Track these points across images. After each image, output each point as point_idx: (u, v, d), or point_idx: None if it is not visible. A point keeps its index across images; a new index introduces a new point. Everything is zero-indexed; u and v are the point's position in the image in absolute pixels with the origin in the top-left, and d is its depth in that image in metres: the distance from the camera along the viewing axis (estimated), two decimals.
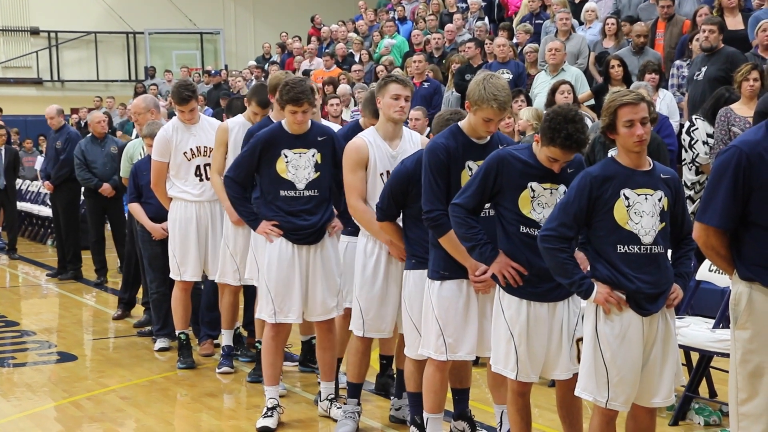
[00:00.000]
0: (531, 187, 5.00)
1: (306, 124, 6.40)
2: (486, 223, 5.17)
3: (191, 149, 8.01)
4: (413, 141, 6.22)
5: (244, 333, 8.51)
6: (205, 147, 7.98)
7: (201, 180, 8.02)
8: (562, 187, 5.00)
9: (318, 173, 6.40)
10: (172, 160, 8.02)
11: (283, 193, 6.38)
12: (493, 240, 5.11)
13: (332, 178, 6.47)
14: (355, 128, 6.75)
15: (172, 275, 8.20)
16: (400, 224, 5.85)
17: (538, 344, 5.02)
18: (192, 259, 8.04)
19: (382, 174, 6.05)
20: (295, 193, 6.38)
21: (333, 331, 6.60)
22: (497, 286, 5.12)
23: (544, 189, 5.00)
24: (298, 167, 6.38)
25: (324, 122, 7.33)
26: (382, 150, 6.08)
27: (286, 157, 6.37)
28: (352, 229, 6.47)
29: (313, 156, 6.40)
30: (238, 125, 7.60)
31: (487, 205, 5.18)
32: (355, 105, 13.91)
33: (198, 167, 8.00)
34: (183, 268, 8.08)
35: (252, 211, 6.54)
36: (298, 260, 6.40)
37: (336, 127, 7.20)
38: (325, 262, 6.46)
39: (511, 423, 5.25)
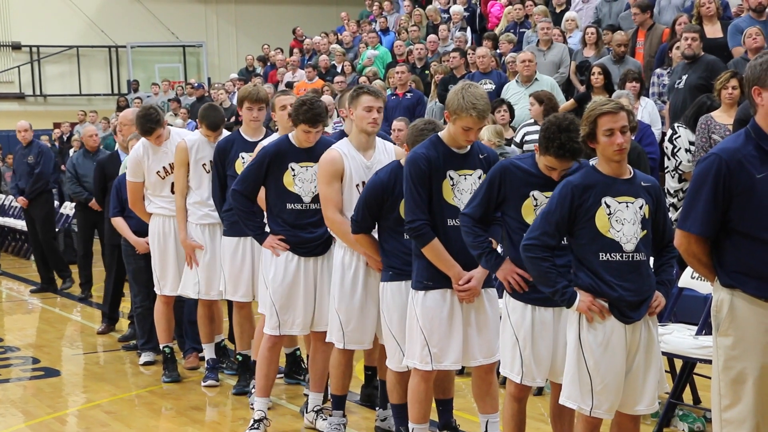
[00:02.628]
0: (533, 195, 5.05)
1: (316, 140, 6.45)
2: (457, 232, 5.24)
3: (163, 168, 8.01)
4: (387, 151, 6.24)
5: (231, 345, 8.50)
6: None
7: None
8: None
9: None
10: (146, 179, 8.04)
11: (289, 206, 6.41)
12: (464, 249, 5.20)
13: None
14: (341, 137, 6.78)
15: (155, 289, 8.21)
16: (376, 236, 5.86)
17: (543, 348, 5.06)
18: (171, 273, 8.03)
19: (357, 185, 6.06)
20: (302, 206, 6.41)
21: (329, 343, 6.60)
22: (504, 291, 5.15)
23: (546, 197, 5.02)
24: (304, 180, 6.41)
25: None
26: (357, 161, 6.09)
27: (293, 170, 6.40)
28: None
29: None
30: (197, 142, 7.62)
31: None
32: (338, 116, 13.91)
33: (173, 184, 7.98)
34: (163, 282, 8.09)
35: (259, 225, 6.53)
36: (304, 273, 6.42)
37: None
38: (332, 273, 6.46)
39: (505, 427, 5.27)
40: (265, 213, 6.62)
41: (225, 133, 7.71)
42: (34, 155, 13.14)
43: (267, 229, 6.55)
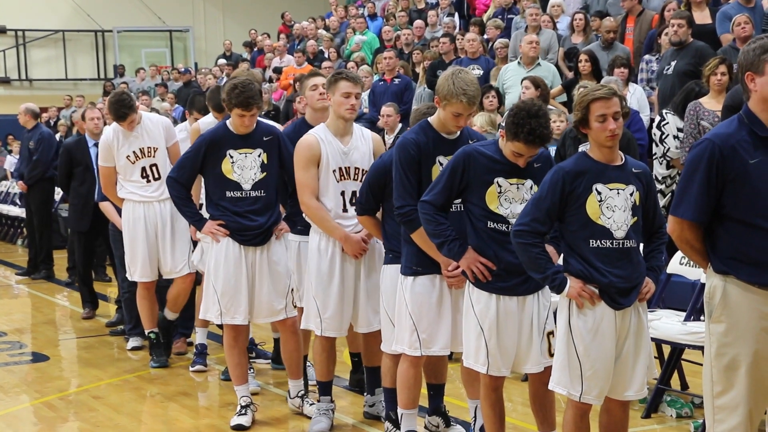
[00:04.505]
0: (497, 182, 5.02)
1: (252, 125, 6.39)
2: (455, 218, 5.19)
3: (134, 152, 7.94)
4: (364, 137, 6.23)
5: (220, 332, 8.48)
6: (148, 148, 7.94)
7: (148, 181, 7.95)
8: (529, 182, 5.03)
9: (264, 173, 6.38)
10: (116, 163, 7.98)
11: (229, 193, 6.35)
12: (462, 236, 5.13)
13: (279, 178, 6.45)
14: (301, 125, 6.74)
15: (127, 275, 8.19)
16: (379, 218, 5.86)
17: (508, 338, 5.04)
18: (141, 260, 7.98)
19: (334, 171, 6.05)
20: (241, 193, 6.35)
21: (297, 332, 6.59)
22: (467, 281, 5.13)
23: (511, 184, 5.02)
24: (243, 167, 6.35)
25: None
26: (333, 146, 6.07)
27: (231, 157, 6.34)
28: (302, 228, 6.46)
29: (259, 156, 6.38)
30: (211, 126, 7.57)
31: (457, 201, 5.20)
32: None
33: (143, 168, 7.94)
34: (133, 268, 8.05)
35: (195, 211, 6.52)
36: (244, 261, 6.38)
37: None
38: (272, 264, 6.42)
39: (485, 417, 5.26)
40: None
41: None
42: (35, 141, 13.07)
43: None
